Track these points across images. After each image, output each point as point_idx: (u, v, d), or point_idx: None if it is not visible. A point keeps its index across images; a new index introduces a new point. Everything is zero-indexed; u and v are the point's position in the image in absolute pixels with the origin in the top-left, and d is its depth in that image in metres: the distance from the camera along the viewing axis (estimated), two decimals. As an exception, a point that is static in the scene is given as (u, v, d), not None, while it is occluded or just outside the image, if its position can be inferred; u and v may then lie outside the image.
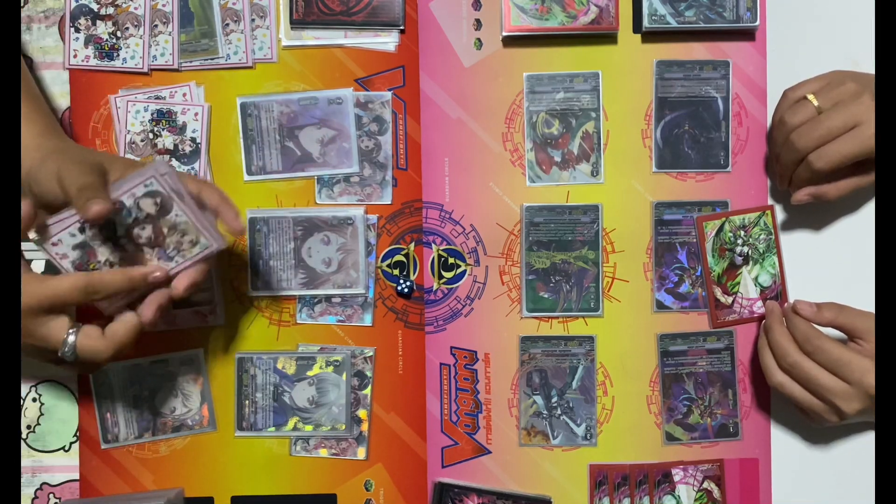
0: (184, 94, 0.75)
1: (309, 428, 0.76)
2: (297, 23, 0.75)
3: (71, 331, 0.61)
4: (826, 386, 0.68)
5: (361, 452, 0.76)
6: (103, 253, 0.63)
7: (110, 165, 0.63)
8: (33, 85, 0.70)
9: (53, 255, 0.63)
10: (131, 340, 0.63)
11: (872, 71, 0.73)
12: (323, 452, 0.76)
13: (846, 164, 0.69)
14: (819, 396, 0.69)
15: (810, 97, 0.70)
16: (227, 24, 0.75)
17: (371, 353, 0.76)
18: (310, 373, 0.76)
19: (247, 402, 0.76)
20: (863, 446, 0.77)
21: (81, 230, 0.63)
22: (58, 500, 0.76)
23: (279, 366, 0.76)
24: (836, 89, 0.69)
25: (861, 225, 0.77)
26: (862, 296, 0.76)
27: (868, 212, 0.77)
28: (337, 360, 0.76)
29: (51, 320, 0.61)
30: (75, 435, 0.76)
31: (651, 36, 0.76)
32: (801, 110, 0.70)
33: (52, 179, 0.61)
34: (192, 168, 0.75)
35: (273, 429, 0.76)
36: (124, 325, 0.62)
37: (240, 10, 0.75)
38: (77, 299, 0.61)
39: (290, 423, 0.76)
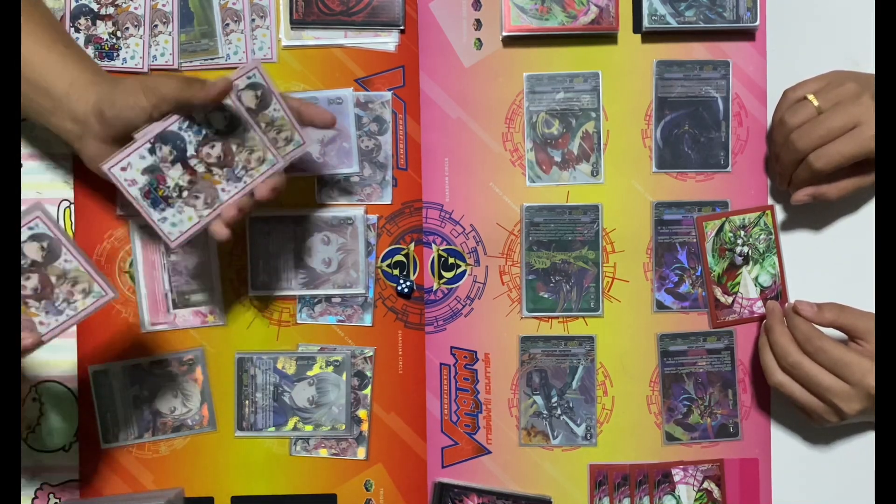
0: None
1: (309, 428, 0.76)
2: (297, 23, 0.75)
3: None
4: (826, 386, 0.68)
5: (361, 452, 0.76)
6: (172, 177, 0.62)
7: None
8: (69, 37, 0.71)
9: (122, 182, 0.61)
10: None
11: (872, 71, 0.73)
12: (323, 452, 0.76)
13: (846, 165, 0.69)
14: (819, 396, 0.69)
15: (810, 97, 0.70)
16: (227, 24, 0.75)
17: (371, 353, 0.76)
18: (310, 373, 0.76)
19: (247, 402, 0.76)
20: (863, 446, 0.77)
21: (151, 151, 0.61)
22: (58, 500, 0.76)
23: (279, 366, 0.76)
24: (836, 89, 0.69)
25: (861, 225, 0.77)
26: (862, 296, 0.76)
27: (868, 212, 0.77)
28: (337, 360, 0.76)
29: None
30: (75, 435, 0.76)
31: (651, 36, 0.76)
32: (801, 110, 0.70)
33: (134, 93, 0.61)
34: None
35: (273, 429, 0.76)
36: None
37: (240, 10, 0.75)
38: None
39: (290, 423, 0.76)
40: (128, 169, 0.61)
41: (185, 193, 0.63)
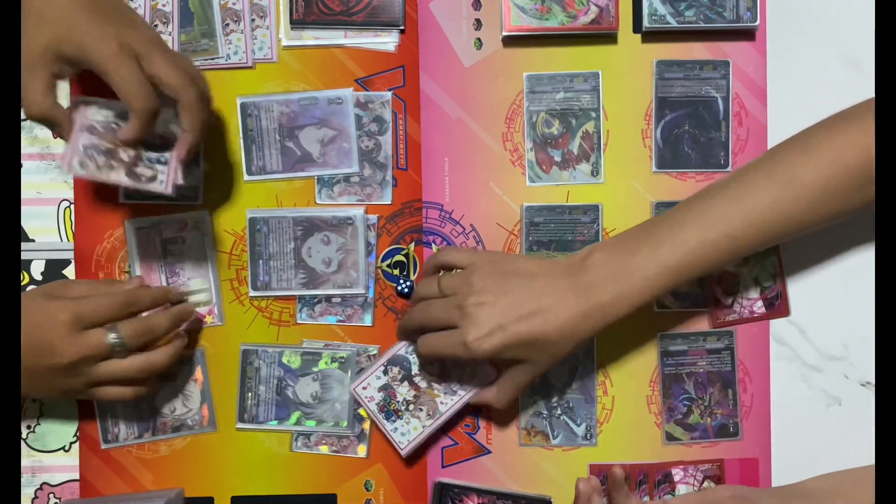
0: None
1: (311, 423, 0.76)
2: (297, 23, 0.75)
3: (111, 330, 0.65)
4: None
5: (362, 450, 0.76)
6: (401, 392, 0.73)
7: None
8: None
9: (363, 399, 0.73)
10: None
11: (872, 71, 0.73)
12: (324, 449, 0.76)
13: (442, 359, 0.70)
14: None
15: (441, 275, 0.70)
16: (227, 24, 0.75)
17: (375, 352, 0.76)
18: (314, 368, 0.76)
19: (249, 394, 0.76)
20: (863, 447, 0.77)
21: (385, 372, 0.74)
22: (58, 500, 0.76)
23: (284, 360, 0.76)
24: (462, 277, 0.68)
25: (861, 225, 0.77)
26: (862, 296, 0.76)
27: (868, 212, 0.77)
28: (342, 357, 0.76)
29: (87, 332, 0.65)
30: (75, 435, 0.76)
31: (651, 36, 0.76)
32: (427, 287, 0.71)
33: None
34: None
35: (275, 422, 0.76)
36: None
37: (240, 10, 0.75)
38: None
39: (293, 418, 0.76)
40: (367, 388, 0.73)
41: (411, 407, 0.73)
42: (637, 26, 0.76)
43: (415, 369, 0.73)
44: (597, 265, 0.66)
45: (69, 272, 0.76)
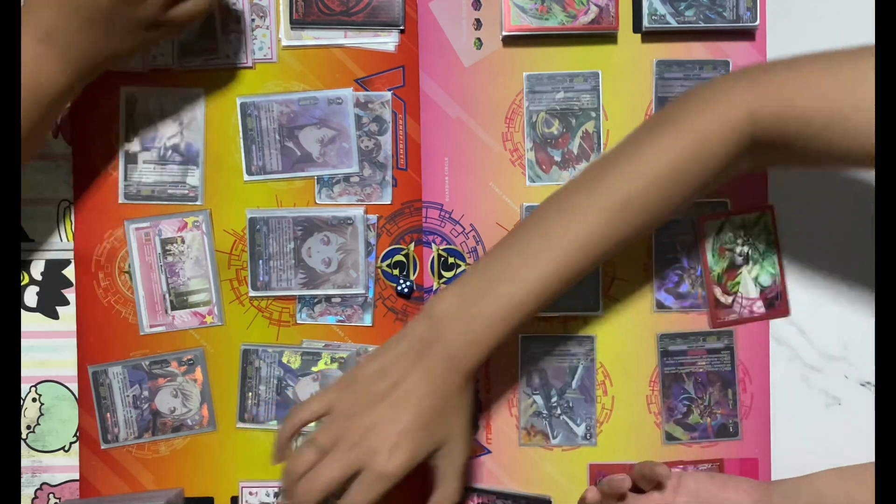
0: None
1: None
2: (297, 23, 0.75)
3: None
4: None
5: (361, 452, 0.76)
6: None
7: None
8: None
9: None
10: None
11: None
12: (323, 452, 0.76)
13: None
14: None
15: (312, 436, 0.63)
16: (227, 24, 0.75)
17: (372, 353, 0.76)
18: (314, 368, 0.76)
19: (249, 393, 0.76)
20: (863, 447, 0.77)
21: None
22: (58, 500, 0.76)
23: (284, 360, 0.76)
24: (335, 422, 0.63)
25: (861, 225, 0.77)
26: (862, 296, 0.76)
27: (868, 212, 0.77)
28: (342, 358, 0.76)
29: None
30: (75, 435, 0.76)
31: (651, 36, 0.76)
32: (302, 457, 0.62)
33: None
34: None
35: (275, 422, 0.76)
36: None
37: (240, 10, 0.75)
38: None
39: (291, 421, 0.76)
40: None
41: None
42: (637, 26, 0.76)
43: None
44: (440, 317, 0.63)
45: (69, 272, 0.76)
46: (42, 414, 0.76)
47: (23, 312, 0.76)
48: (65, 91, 0.65)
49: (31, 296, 0.76)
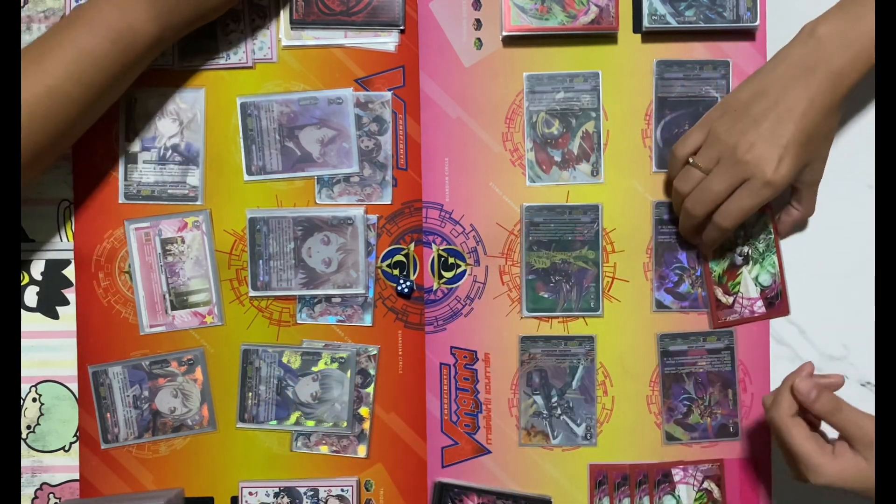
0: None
1: (311, 423, 0.76)
2: (297, 23, 0.75)
3: None
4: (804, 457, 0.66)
5: (362, 450, 0.76)
6: None
7: None
8: None
9: None
10: None
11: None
12: (324, 449, 0.76)
13: (750, 215, 0.69)
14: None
15: (693, 160, 0.70)
16: (227, 24, 0.75)
17: (375, 352, 0.76)
18: (314, 368, 0.76)
19: (250, 393, 0.76)
20: (863, 446, 0.77)
21: None
22: (58, 500, 0.76)
23: (284, 360, 0.76)
24: (714, 146, 0.69)
25: (861, 224, 0.77)
26: (862, 296, 0.76)
27: (868, 211, 0.77)
28: (342, 357, 0.76)
29: None
30: (75, 435, 0.76)
31: (651, 36, 0.76)
32: (688, 177, 0.70)
33: None
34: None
35: (275, 422, 0.76)
36: None
37: (240, 10, 0.75)
38: None
39: (293, 418, 0.76)
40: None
41: None
42: (637, 26, 0.76)
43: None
44: (825, 38, 0.67)
45: (69, 272, 0.76)
46: (42, 414, 0.76)
47: (23, 312, 0.76)
48: (156, 39, 0.67)
49: (31, 296, 0.76)
